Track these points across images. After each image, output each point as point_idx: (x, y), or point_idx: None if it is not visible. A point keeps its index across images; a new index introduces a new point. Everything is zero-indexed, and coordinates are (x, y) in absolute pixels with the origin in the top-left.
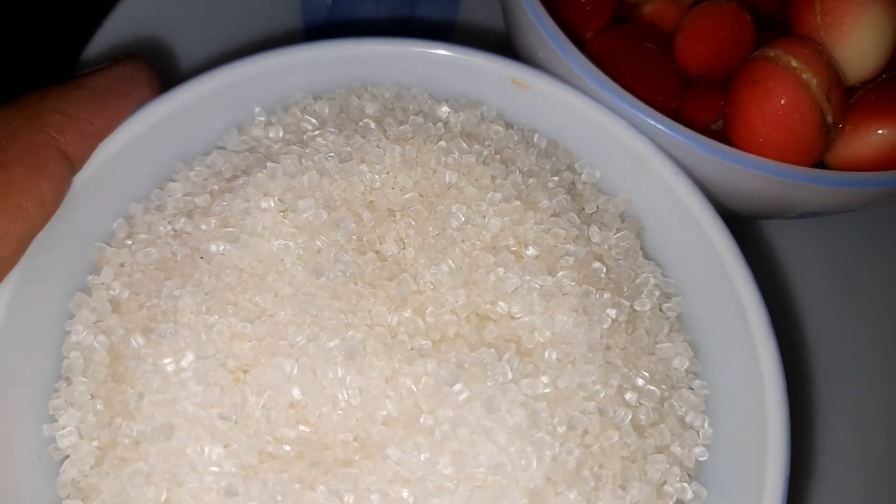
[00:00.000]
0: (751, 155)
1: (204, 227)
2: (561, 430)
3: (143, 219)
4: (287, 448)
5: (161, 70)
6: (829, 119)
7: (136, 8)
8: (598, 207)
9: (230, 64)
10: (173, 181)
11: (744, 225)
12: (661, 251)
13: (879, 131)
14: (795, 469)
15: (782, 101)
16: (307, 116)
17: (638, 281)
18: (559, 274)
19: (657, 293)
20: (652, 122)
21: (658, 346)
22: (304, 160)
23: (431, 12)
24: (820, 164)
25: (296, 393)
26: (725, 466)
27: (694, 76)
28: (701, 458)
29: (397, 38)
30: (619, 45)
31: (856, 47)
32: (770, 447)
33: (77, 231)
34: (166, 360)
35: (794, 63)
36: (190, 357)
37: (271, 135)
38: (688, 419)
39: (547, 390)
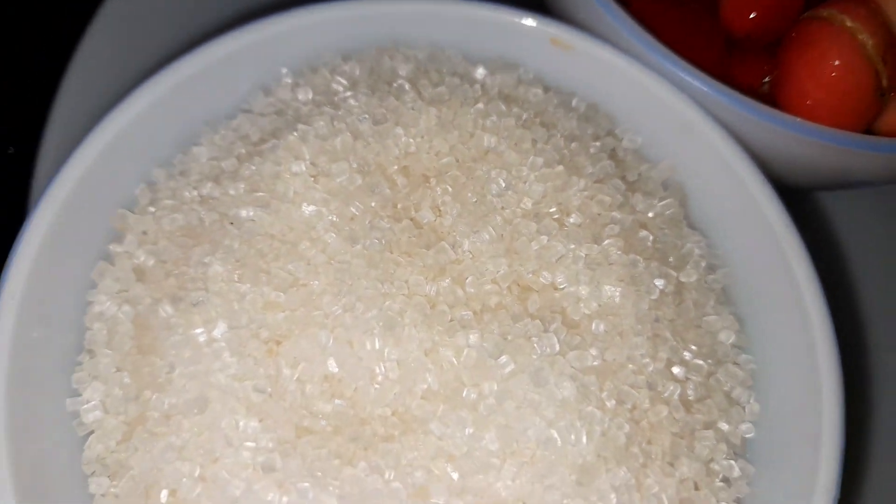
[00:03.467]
0: (804, 120)
1: (232, 191)
2: (610, 404)
3: (167, 184)
4: (324, 422)
5: (181, 29)
6: (885, 82)
7: None
8: (640, 175)
9: (254, 23)
10: (198, 145)
11: (796, 195)
12: (706, 220)
13: None
14: (850, 448)
15: (837, 63)
16: (337, 77)
17: (683, 251)
18: (605, 242)
19: (703, 264)
20: (698, 84)
21: (704, 318)
22: (336, 122)
23: None
24: (868, 131)
25: (331, 365)
26: (774, 444)
27: (741, 37)
28: (748, 435)
29: None
30: (663, 6)
31: None
32: (825, 426)
33: (97, 198)
34: (198, 330)
35: (849, 23)
36: (223, 327)
37: (300, 97)
38: (734, 395)
39: (595, 363)
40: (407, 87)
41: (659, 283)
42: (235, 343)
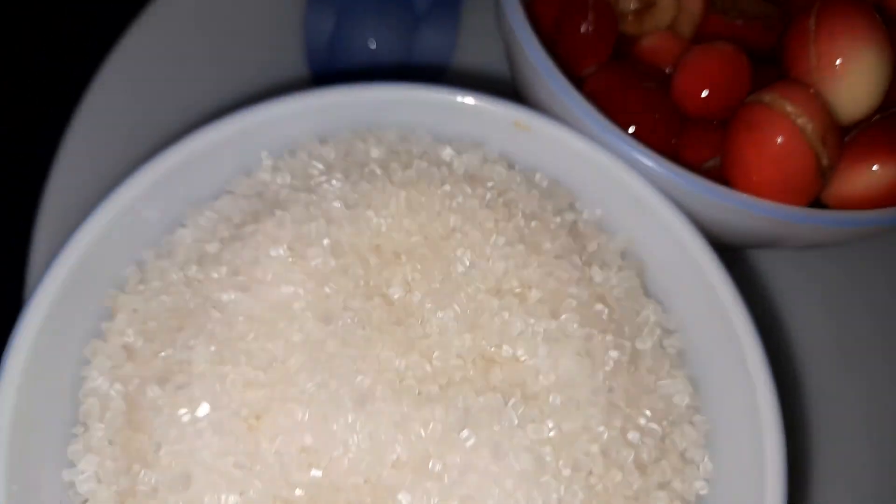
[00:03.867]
0: (746, 195)
1: (215, 275)
2: (566, 472)
3: (155, 265)
4: (300, 492)
5: (168, 117)
6: (825, 161)
7: (138, 58)
8: (598, 246)
9: (237, 112)
10: (183, 226)
11: (738, 254)
12: (662, 287)
13: (874, 168)
14: (793, 498)
15: (778, 146)
16: (314, 161)
17: (639, 319)
18: (562, 317)
19: (658, 330)
20: (649, 163)
21: (659, 383)
22: (311, 207)
23: (427, 51)
24: (816, 201)
25: (307, 438)
26: (726, 500)
27: (693, 115)
28: (702, 492)
29: (400, 82)
30: (617, 84)
31: (850, 89)
32: (768, 482)
33: (93, 277)
34: (182, 411)
35: (789, 108)
36: (206, 408)
37: (279, 180)
38: (688, 454)
39: (552, 434)
40: (378, 171)
41: (613, 353)
42: (217, 422)
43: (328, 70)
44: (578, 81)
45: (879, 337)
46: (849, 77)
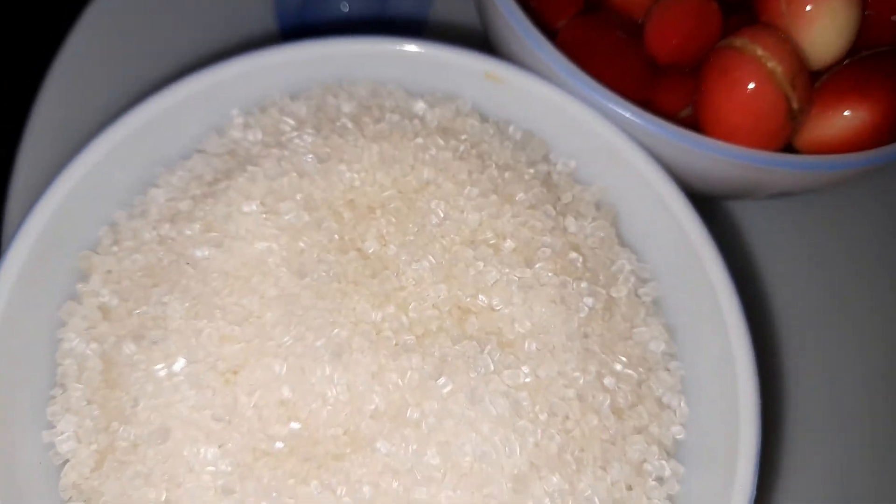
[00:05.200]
0: (719, 141)
1: (188, 232)
2: (542, 417)
3: (128, 225)
4: (279, 445)
5: (137, 76)
6: (795, 105)
7: (107, 16)
8: (573, 197)
9: (205, 69)
10: (156, 186)
11: (714, 205)
12: (637, 237)
13: (845, 113)
14: (767, 445)
15: (749, 90)
16: (285, 117)
17: (614, 268)
18: (537, 266)
19: (633, 279)
20: (622, 112)
21: (635, 330)
22: (283, 162)
23: (403, 9)
24: (789, 147)
25: (285, 391)
26: (702, 444)
27: (665, 63)
28: (678, 437)
29: (371, 35)
30: (590, 35)
31: (820, 33)
32: (742, 425)
33: (64, 240)
34: (158, 366)
35: (759, 52)
36: (181, 362)
37: (250, 137)
38: (665, 399)
39: (528, 380)
40: (349, 124)
41: (588, 301)
42: (194, 376)
43: (298, 26)
44: (552, 34)
45: (852, 283)
46: (819, 21)
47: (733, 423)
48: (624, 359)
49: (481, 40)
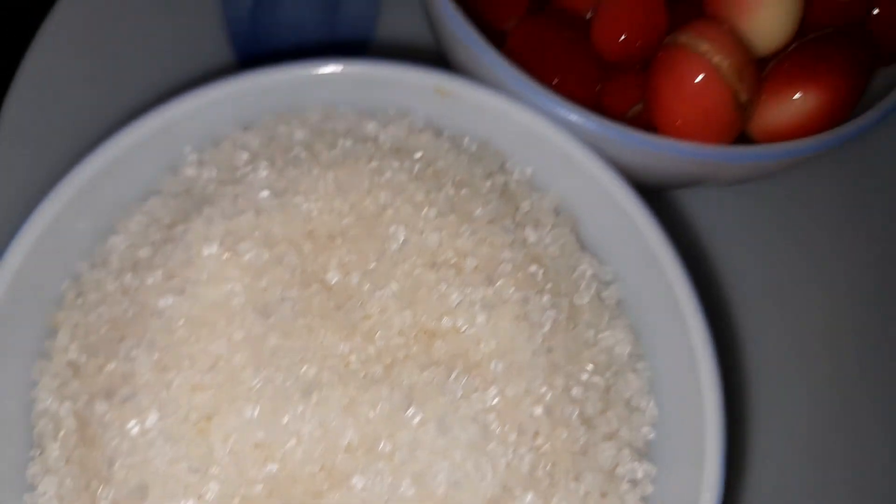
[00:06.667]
0: (668, 140)
1: (150, 280)
2: (512, 437)
3: (91, 277)
4: (259, 488)
5: (90, 122)
6: (744, 97)
7: (50, 60)
8: (531, 205)
9: (154, 110)
10: (115, 233)
11: (669, 195)
12: (597, 239)
13: (794, 97)
14: (734, 438)
15: (695, 86)
16: (238, 151)
17: (576, 274)
18: (498, 283)
19: (595, 283)
20: (572, 117)
21: (600, 336)
22: (239, 199)
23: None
24: (744, 135)
25: (260, 434)
26: (672, 443)
27: (613, 61)
28: (649, 437)
29: (318, 59)
30: (538, 36)
31: (765, 20)
32: (707, 422)
33: (29, 297)
34: (131, 423)
35: (705, 47)
36: (153, 417)
37: (205, 174)
38: (633, 402)
39: (496, 401)
40: (303, 154)
41: (551, 313)
42: (167, 430)
43: (252, 52)
44: (501, 37)
45: (808, 268)
46: (762, 9)
47: (699, 420)
48: (591, 366)
49: (431, 52)
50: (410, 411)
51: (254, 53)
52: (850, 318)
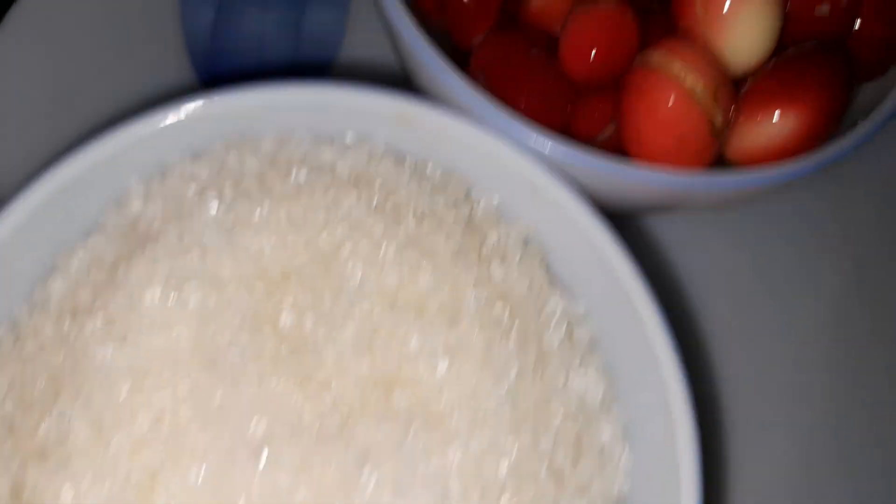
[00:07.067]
0: (640, 167)
1: (90, 327)
2: (474, 498)
3: (29, 322)
4: None
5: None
6: (718, 121)
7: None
8: (498, 237)
9: (99, 138)
10: (55, 273)
11: (641, 221)
12: (568, 272)
13: (774, 119)
14: (710, 484)
15: (668, 110)
16: (187, 182)
17: (545, 312)
18: (461, 325)
19: (566, 322)
20: (538, 143)
21: (570, 381)
22: (185, 237)
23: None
24: (720, 159)
25: (206, 498)
26: (647, 494)
27: (582, 81)
28: (623, 488)
29: (274, 82)
30: (505, 55)
31: (740, 38)
32: (682, 471)
33: None
34: (65, 489)
35: (677, 68)
36: (89, 481)
37: (150, 209)
38: (606, 451)
39: (458, 456)
40: (255, 185)
41: (516, 359)
42: (105, 496)
43: (213, 70)
44: (466, 55)
45: (781, 291)
46: (738, 26)
47: (674, 467)
48: (560, 414)
49: (396, 74)
50: (366, 471)
51: (214, 72)
52: (825, 348)
